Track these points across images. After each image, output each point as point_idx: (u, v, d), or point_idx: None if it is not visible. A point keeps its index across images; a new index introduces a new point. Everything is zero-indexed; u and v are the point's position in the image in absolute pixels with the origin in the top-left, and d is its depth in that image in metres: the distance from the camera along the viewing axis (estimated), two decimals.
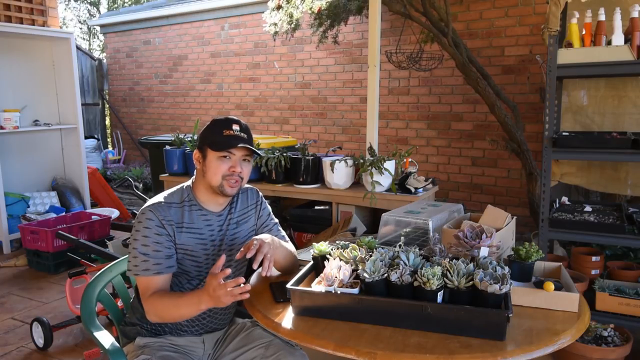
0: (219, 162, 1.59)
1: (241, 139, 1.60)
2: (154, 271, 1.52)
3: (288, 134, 6.49)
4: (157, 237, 1.54)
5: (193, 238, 1.60)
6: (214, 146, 1.59)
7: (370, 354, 1.22)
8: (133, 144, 8.45)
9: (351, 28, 5.64)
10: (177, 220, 1.59)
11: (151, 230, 1.54)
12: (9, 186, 4.77)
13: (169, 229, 1.56)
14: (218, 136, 1.59)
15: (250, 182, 3.43)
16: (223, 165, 1.59)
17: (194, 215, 1.62)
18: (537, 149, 4.24)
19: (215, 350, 1.72)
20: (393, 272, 1.38)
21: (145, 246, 1.52)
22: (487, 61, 4.82)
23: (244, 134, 1.62)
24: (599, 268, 2.86)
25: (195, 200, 1.64)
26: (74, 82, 5.03)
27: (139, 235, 1.54)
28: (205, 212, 1.64)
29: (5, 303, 3.43)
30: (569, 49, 2.50)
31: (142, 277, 1.52)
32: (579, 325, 1.39)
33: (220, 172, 1.58)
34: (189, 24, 7.42)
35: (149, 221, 1.54)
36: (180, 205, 1.61)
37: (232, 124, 1.61)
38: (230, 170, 1.59)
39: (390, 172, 3.01)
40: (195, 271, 1.63)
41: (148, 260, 1.52)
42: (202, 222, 1.63)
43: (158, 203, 1.58)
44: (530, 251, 1.61)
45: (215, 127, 1.62)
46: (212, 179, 1.59)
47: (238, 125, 1.62)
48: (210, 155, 1.60)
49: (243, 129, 1.63)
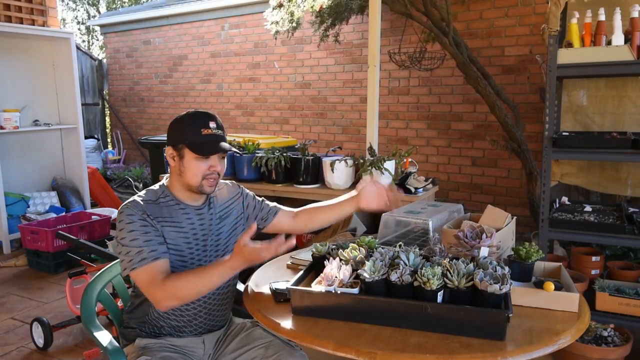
0: (199, 163, 1.55)
1: (221, 138, 1.57)
2: (151, 258, 1.47)
3: (288, 134, 6.49)
4: (143, 227, 1.51)
5: (174, 232, 1.58)
6: (194, 148, 1.54)
7: (370, 354, 1.22)
8: (133, 144, 8.45)
9: (351, 28, 5.64)
10: (156, 215, 1.56)
11: (135, 223, 1.50)
12: (9, 186, 4.77)
13: (150, 220, 1.53)
14: (197, 136, 1.55)
15: (250, 182, 3.43)
16: (203, 165, 1.56)
17: (172, 210, 1.59)
18: (537, 149, 4.24)
19: (215, 351, 1.72)
20: (393, 272, 1.38)
21: (135, 239, 1.49)
22: (487, 61, 4.82)
23: (220, 131, 1.59)
24: (599, 268, 2.86)
25: (172, 196, 1.62)
26: (74, 82, 5.03)
27: (124, 233, 1.50)
28: (183, 206, 1.62)
29: (5, 303, 3.43)
30: (569, 49, 2.50)
31: (142, 269, 1.46)
32: (579, 325, 1.39)
33: (200, 172, 1.56)
34: (189, 24, 7.42)
35: (130, 216, 1.51)
36: (156, 202, 1.59)
37: (209, 122, 1.58)
38: (210, 169, 1.57)
39: (390, 172, 3.01)
40: (180, 267, 1.59)
41: (142, 250, 1.48)
42: (181, 216, 1.60)
43: (133, 201, 1.56)
44: (530, 251, 1.61)
45: (191, 125, 1.56)
46: (191, 180, 1.57)
47: (214, 122, 1.59)
48: (189, 156, 1.56)
49: (219, 126, 1.60)
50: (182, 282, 1.45)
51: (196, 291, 1.48)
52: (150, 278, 1.46)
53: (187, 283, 1.45)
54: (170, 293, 1.45)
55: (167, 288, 1.45)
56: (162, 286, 1.45)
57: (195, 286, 1.45)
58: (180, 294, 1.46)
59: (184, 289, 1.45)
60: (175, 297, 1.46)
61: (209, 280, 1.45)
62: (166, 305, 1.48)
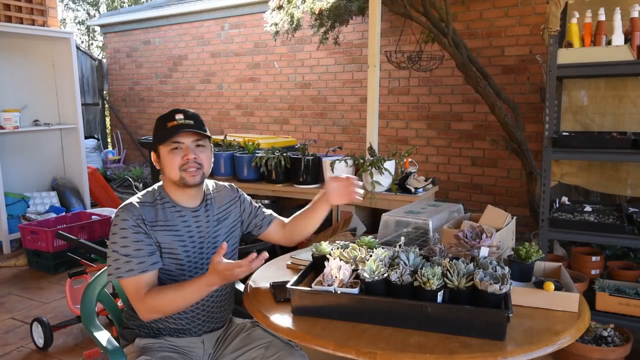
0: (172, 156, 1.57)
1: (185, 125, 1.58)
2: (138, 270, 1.49)
3: (288, 134, 6.49)
4: (135, 235, 1.52)
5: (169, 236, 1.59)
6: (161, 140, 1.58)
7: (370, 354, 1.22)
8: (133, 144, 8.45)
9: (351, 28, 5.64)
10: (151, 218, 1.57)
11: (128, 230, 1.52)
12: (9, 186, 4.77)
13: (144, 227, 1.54)
14: (163, 130, 1.58)
15: (250, 182, 3.43)
16: (176, 157, 1.57)
17: (167, 212, 1.61)
18: (537, 149, 4.24)
19: (215, 351, 1.71)
20: (393, 272, 1.38)
21: (126, 247, 1.51)
22: (487, 61, 4.82)
23: (189, 121, 1.60)
24: (599, 268, 2.86)
25: (167, 198, 1.63)
26: (74, 82, 5.03)
27: (117, 238, 1.52)
28: (179, 209, 1.63)
29: (5, 303, 3.43)
30: (569, 49, 2.50)
31: (127, 280, 1.50)
32: (579, 325, 1.39)
33: (175, 164, 1.57)
34: (189, 24, 7.41)
35: (124, 222, 1.53)
36: (153, 205, 1.60)
37: (175, 114, 1.59)
38: (184, 159, 1.57)
39: (390, 172, 3.01)
40: (177, 270, 1.61)
41: (130, 260, 1.50)
42: (177, 219, 1.61)
43: (130, 203, 1.58)
44: (530, 251, 1.61)
45: (160, 122, 1.61)
46: (170, 174, 1.59)
47: (182, 114, 1.60)
48: (163, 151, 1.59)
49: (189, 116, 1.60)
50: (162, 297, 1.49)
51: (175, 306, 1.52)
52: (133, 290, 1.51)
53: (167, 298, 1.49)
54: (150, 307, 1.50)
55: (148, 302, 1.49)
56: (143, 300, 1.49)
57: (174, 301, 1.49)
58: (159, 309, 1.51)
59: (163, 304, 1.49)
60: (156, 311, 1.52)
61: (188, 296, 1.49)
62: (147, 317, 1.54)
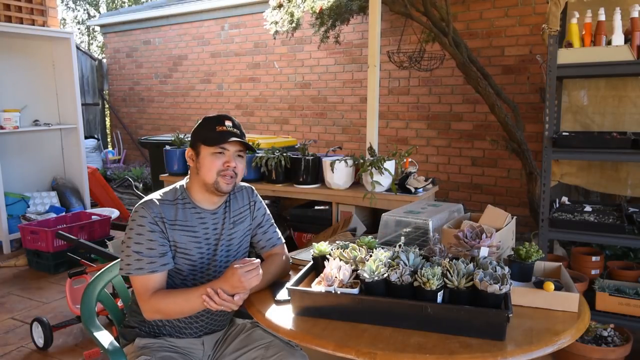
0: (213, 158, 1.58)
1: (234, 134, 1.60)
2: (147, 270, 1.50)
3: (288, 134, 6.49)
4: (150, 234, 1.52)
5: (187, 236, 1.59)
6: (207, 142, 1.58)
7: (370, 354, 1.22)
8: (133, 144, 8.45)
9: (351, 28, 5.64)
10: (170, 217, 1.57)
11: (144, 227, 1.52)
12: (9, 186, 4.77)
13: (162, 225, 1.55)
14: (211, 132, 1.58)
15: (250, 182, 3.43)
16: (217, 161, 1.58)
17: (187, 213, 1.61)
18: (537, 149, 4.25)
19: (215, 352, 1.72)
20: (393, 272, 1.38)
21: (139, 244, 1.51)
22: (487, 61, 4.82)
23: (237, 130, 1.62)
24: (599, 268, 2.86)
25: (189, 199, 1.63)
26: (74, 82, 5.03)
27: (132, 233, 1.53)
28: (199, 210, 1.63)
29: (5, 303, 3.43)
30: (569, 49, 2.50)
31: (137, 277, 1.51)
32: (579, 325, 1.39)
33: (214, 167, 1.57)
34: (189, 24, 7.42)
35: (142, 218, 1.53)
36: (173, 203, 1.60)
37: (225, 120, 1.61)
38: (224, 165, 1.58)
39: (390, 172, 3.01)
40: (189, 270, 1.61)
41: (141, 259, 1.50)
42: (196, 221, 1.62)
43: (150, 200, 1.58)
44: (530, 251, 1.61)
45: (207, 124, 1.62)
46: (206, 176, 1.58)
47: (230, 121, 1.62)
48: (204, 152, 1.59)
49: (236, 125, 1.63)
50: (168, 300, 1.50)
51: (180, 310, 1.53)
52: (140, 288, 1.52)
53: (172, 302, 1.50)
54: (155, 308, 1.51)
55: (153, 303, 1.50)
56: (149, 300, 1.51)
57: (179, 305, 1.50)
58: (163, 311, 1.52)
59: (168, 307, 1.50)
60: (160, 312, 1.53)
61: (193, 302, 1.49)
62: (150, 317, 1.55)
